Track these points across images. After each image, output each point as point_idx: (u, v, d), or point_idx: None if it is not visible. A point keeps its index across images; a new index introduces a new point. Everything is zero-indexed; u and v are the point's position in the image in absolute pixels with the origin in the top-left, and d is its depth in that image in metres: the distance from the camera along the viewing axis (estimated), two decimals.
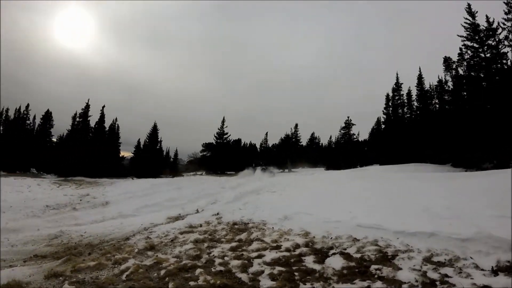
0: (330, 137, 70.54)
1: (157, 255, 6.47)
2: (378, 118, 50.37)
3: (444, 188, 12.11)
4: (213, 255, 6.48)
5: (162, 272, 5.52)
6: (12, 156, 39.91)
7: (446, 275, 4.89)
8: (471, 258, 5.48)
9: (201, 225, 9.66)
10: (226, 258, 6.18)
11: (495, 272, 4.90)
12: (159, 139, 53.62)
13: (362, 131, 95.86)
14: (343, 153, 52.57)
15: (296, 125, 66.49)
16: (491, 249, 5.55)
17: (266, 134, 72.18)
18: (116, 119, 48.63)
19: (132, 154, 52.70)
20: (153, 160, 48.31)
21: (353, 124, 54.72)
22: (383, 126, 47.72)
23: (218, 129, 58.64)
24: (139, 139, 53.25)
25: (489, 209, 7.65)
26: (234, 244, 7.29)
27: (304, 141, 70.86)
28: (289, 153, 60.11)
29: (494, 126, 24.31)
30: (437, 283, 4.66)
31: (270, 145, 71.77)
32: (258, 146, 73.17)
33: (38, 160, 41.49)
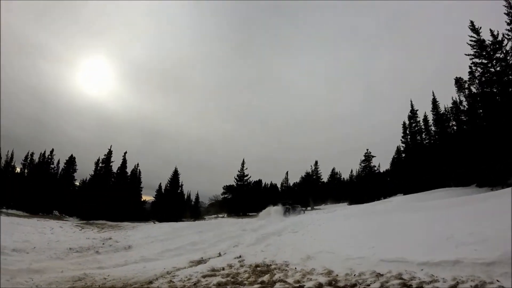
0: (351, 171, 69.76)
1: None
2: (398, 147, 49.96)
3: (467, 213, 11.96)
4: None
5: None
6: (35, 198, 40.96)
7: None
8: (497, 281, 5.43)
9: (223, 268, 9.64)
10: None
11: None
12: (180, 183, 54.24)
13: (382, 161, 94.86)
14: (364, 186, 51.97)
15: (316, 162, 66.71)
16: None
17: (287, 173, 72.22)
18: (138, 164, 49.58)
19: (154, 198, 53.20)
20: (174, 204, 48.59)
21: (373, 156, 54.41)
22: (403, 155, 47.31)
23: (238, 171, 59.15)
24: (160, 183, 53.83)
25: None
26: (256, 286, 7.28)
27: (325, 177, 70.72)
28: (311, 191, 59.76)
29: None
30: None
31: (291, 184, 71.68)
32: (279, 185, 73.18)
33: (61, 203, 42.60)
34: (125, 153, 46.61)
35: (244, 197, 56.11)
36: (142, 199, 50.25)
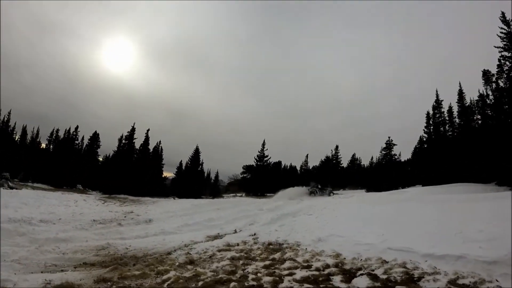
0: (372, 158, 68.97)
1: (196, 269, 7.00)
2: (420, 137, 48.92)
3: (481, 210, 12.05)
4: (247, 271, 6.90)
5: (200, 283, 6.04)
6: (60, 173, 42.23)
7: None
8: (496, 280, 5.58)
9: (238, 244, 10.11)
10: (259, 275, 6.59)
11: None
12: (200, 161, 54.38)
13: (405, 150, 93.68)
14: (384, 174, 51.58)
15: (337, 146, 65.97)
16: None
17: (307, 156, 71.89)
18: (160, 141, 49.83)
19: (174, 175, 53.58)
20: (194, 181, 49.05)
21: (394, 144, 53.53)
22: (425, 145, 46.62)
23: (259, 151, 58.93)
24: (181, 161, 54.17)
25: None
26: (267, 262, 7.69)
27: (345, 162, 70.04)
28: (330, 175, 59.53)
29: None
30: None
31: (310, 167, 71.58)
32: (298, 168, 73.19)
33: (84, 178, 43.47)
34: (148, 130, 46.92)
35: (263, 178, 56.27)
36: (163, 176, 50.91)
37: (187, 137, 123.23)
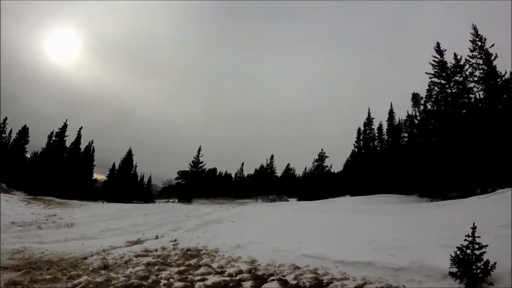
0: (305, 169, 70.88)
1: (109, 274, 6.93)
2: (352, 151, 51.39)
3: (399, 220, 12.96)
4: (160, 276, 6.95)
5: None
6: None
7: None
8: (403, 286, 5.97)
9: (156, 250, 10.06)
10: (171, 280, 6.66)
11: None
12: (134, 164, 53.45)
13: (337, 163, 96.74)
14: (315, 184, 53.17)
15: (272, 156, 67.17)
16: (424, 278, 6.04)
17: (242, 164, 72.55)
18: (92, 141, 48.04)
19: (106, 177, 52.03)
20: (126, 185, 47.81)
21: (326, 157, 55.72)
22: (355, 159, 48.92)
23: (194, 157, 58.19)
24: (114, 163, 52.84)
25: (435, 240, 8.34)
26: (182, 268, 7.76)
27: (279, 172, 71.50)
28: (264, 184, 60.27)
29: (459, 156, 25.40)
30: None
31: (245, 175, 72.17)
32: (233, 176, 73.57)
33: (9, 176, 40.64)
34: (81, 128, 45.14)
35: (197, 184, 55.80)
36: (93, 178, 48.85)
37: (124, 138, 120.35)
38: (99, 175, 53.37)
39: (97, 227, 14.32)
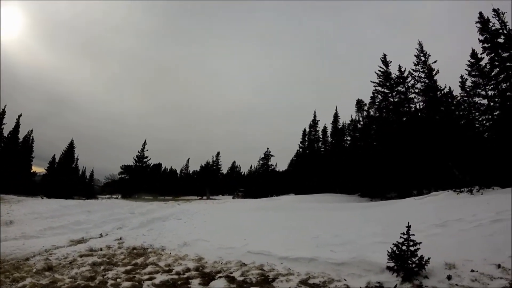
0: (251, 167, 71.81)
1: (53, 276, 6.82)
2: (297, 151, 52.62)
3: (341, 218, 13.62)
4: (107, 277, 6.91)
5: None
6: None
7: None
8: (344, 280, 6.32)
9: (101, 249, 9.91)
10: (118, 280, 6.64)
11: None
12: (75, 157, 51.43)
13: (283, 162, 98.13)
14: (261, 182, 53.81)
15: (218, 153, 67.26)
16: (363, 272, 6.45)
17: (188, 160, 72.48)
18: (31, 131, 45.42)
19: (45, 171, 49.66)
20: (66, 179, 45.77)
21: (272, 155, 56.70)
22: (300, 159, 50.18)
23: (139, 152, 57.36)
24: (54, 155, 50.52)
25: (374, 236, 8.96)
26: (129, 267, 7.74)
27: (225, 169, 71.67)
28: (209, 180, 60.22)
29: (398, 160, 27.13)
30: None
31: (191, 172, 71.81)
32: (178, 172, 72.97)
33: None
34: (20, 116, 42.63)
35: (142, 180, 55.00)
36: (32, 171, 46.32)
37: (65, 129, 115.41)
38: (38, 168, 50.78)
39: (38, 225, 13.78)
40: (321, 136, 48.06)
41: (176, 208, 22.33)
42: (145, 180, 55.17)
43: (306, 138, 48.86)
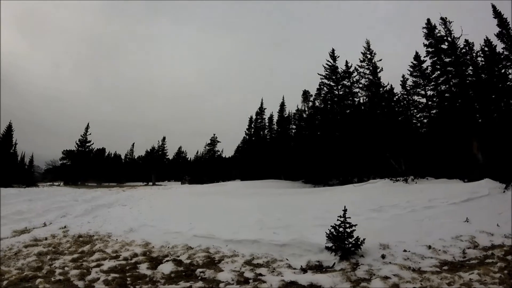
0: (197, 152, 71.19)
1: None
2: (244, 138, 53.04)
3: (284, 202, 14.28)
4: (55, 266, 6.93)
5: (4, 283, 5.93)
6: None
7: (261, 274, 5.98)
8: (286, 260, 6.76)
9: (46, 238, 9.80)
10: (66, 268, 6.71)
11: (304, 270, 6.17)
12: (14, 142, 48.93)
13: (229, 149, 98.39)
14: (206, 168, 53.93)
15: (164, 138, 66.52)
16: (304, 252, 6.98)
17: (133, 145, 71.58)
18: None
19: None
20: (4, 166, 42.88)
21: (218, 141, 56.86)
22: (246, 145, 50.71)
23: (81, 135, 55.41)
24: None
25: (314, 219, 9.63)
26: (76, 255, 7.77)
27: (171, 155, 71.04)
28: (155, 166, 59.58)
29: (341, 149, 28.61)
30: (251, 281, 5.68)
31: (136, 157, 70.70)
32: (123, 157, 71.66)
33: None
34: None
35: (85, 165, 53.40)
36: None
37: (3, 110, 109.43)
38: None
39: None
40: (267, 124, 48.97)
41: (121, 195, 22.17)
42: (88, 165, 53.68)
43: (252, 125, 49.61)
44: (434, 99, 26.43)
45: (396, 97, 29.58)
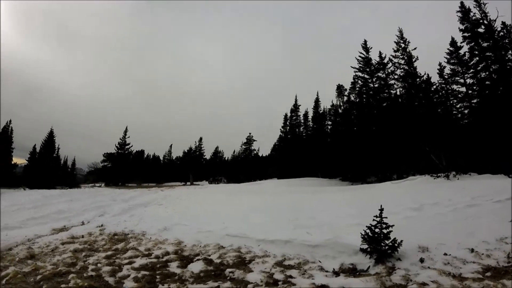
0: (234, 152, 71.60)
1: (36, 263, 6.99)
2: (279, 136, 52.67)
3: (319, 201, 13.90)
4: (88, 262, 7.11)
5: (38, 277, 6.11)
6: None
7: (291, 276, 5.79)
8: (319, 261, 6.50)
9: (83, 236, 10.09)
10: (99, 265, 6.87)
11: (336, 273, 5.85)
12: (56, 147, 50.83)
13: (265, 147, 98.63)
14: (243, 167, 54.09)
15: (201, 138, 66.73)
16: (337, 253, 6.63)
17: (171, 146, 72.27)
18: (10, 121, 44.75)
19: (26, 162, 49.01)
20: (48, 170, 45.46)
21: (254, 140, 56.78)
22: (282, 143, 50.31)
23: (120, 139, 56.70)
24: (34, 145, 49.50)
25: (349, 219, 9.23)
26: (110, 252, 7.95)
27: (208, 154, 71.57)
28: (193, 166, 60.16)
29: (378, 145, 27.64)
30: (280, 283, 5.51)
31: (174, 158, 71.65)
32: (161, 158, 72.81)
33: None
34: None
35: (125, 167, 54.54)
36: (13, 162, 45.33)
37: (43, 118, 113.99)
38: (19, 159, 49.91)
39: (20, 216, 13.84)
40: (302, 121, 48.17)
41: (158, 194, 22.55)
42: (128, 167, 54.82)
43: (287, 123, 48.92)
44: (474, 87, 25.18)
45: (434, 87, 28.21)
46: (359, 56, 34.02)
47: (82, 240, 9.57)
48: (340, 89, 43.35)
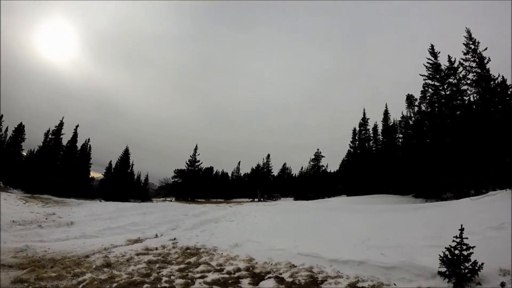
0: (302, 168, 71.11)
1: (111, 271, 7.14)
2: (348, 151, 51.64)
3: (393, 220, 13.26)
4: (162, 274, 7.17)
5: (114, 285, 6.24)
6: None
7: None
8: (394, 284, 6.22)
9: (156, 248, 10.25)
10: (172, 277, 6.90)
11: None
12: (130, 163, 53.24)
13: (334, 163, 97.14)
14: (311, 184, 53.49)
15: (268, 155, 66.95)
16: (414, 276, 6.30)
17: (239, 163, 73.10)
18: (88, 139, 47.52)
19: (103, 176, 51.70)
20: (123, 184, 47.60)
21: (322, 156, 56.08)
22: (351, 159, 49.18)
23: (190, 156, 58.15)
24: (110, 161, 52.38)
25: (426, 239, 8.67)
26: (182, 266, 7.99)
27: (276, 171, 71.62)
28: (260, 183, 60.40)
29: (454, 157, 25.69)
30: None
31: (242, 174, 72.42)
32: (230, 175, 73.81)
33: (6, 174, 40.01)
34: (77, 126, 44.60)
35: (194, 183, 55.71)
36: (90, 176, 48.60)
37: (118, 136, 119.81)
38: (96, 174, 53.32)
39: (96, 225, 14.40)
40: (371, 135, 46.43)
41: (228, 210, 22.64)
42: (197, 183, 55.96)
43: (356, 138, 47.30)
44: None
45: (511, 90, 25.52)
46: (427, 63, 31.67)
47: (156, 252, 9.72)
48: (410, 99, 40.74)
